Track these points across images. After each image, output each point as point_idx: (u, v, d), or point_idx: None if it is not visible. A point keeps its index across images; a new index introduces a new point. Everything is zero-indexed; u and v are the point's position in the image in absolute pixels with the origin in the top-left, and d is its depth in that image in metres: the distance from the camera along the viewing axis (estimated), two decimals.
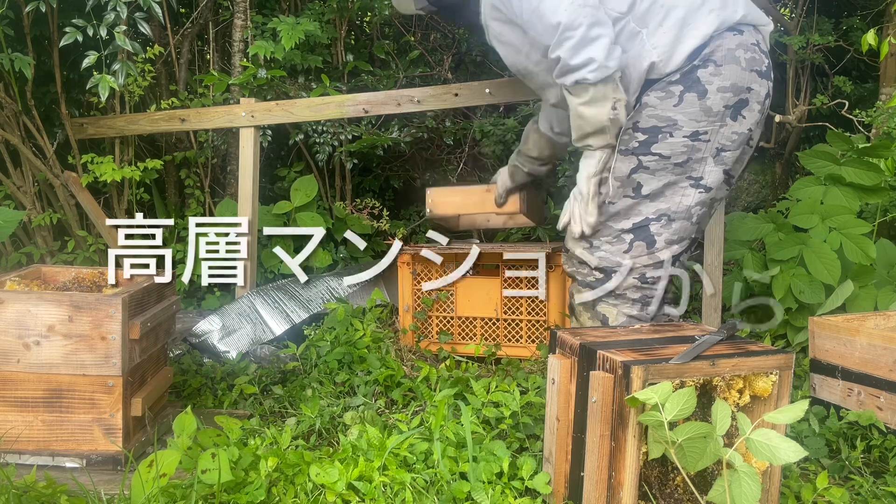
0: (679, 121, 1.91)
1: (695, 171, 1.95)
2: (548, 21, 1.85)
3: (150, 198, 3.41)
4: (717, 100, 1.90)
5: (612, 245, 1.99)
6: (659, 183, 1.95)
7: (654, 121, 1.92)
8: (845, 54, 3.75)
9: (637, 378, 1.37)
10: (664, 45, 1.91)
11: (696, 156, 1.94)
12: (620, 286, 1.99)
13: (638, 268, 1.98)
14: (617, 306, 2.01)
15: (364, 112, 2.93)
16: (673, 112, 1.91)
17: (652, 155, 1.93)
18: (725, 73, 1.90)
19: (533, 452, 1.79)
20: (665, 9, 1.92)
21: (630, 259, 1.98)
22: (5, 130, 2.89)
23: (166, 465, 1.50)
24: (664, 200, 1.96)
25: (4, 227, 2.25)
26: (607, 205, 2.00)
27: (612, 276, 1.99)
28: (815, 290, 2.47)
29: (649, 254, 1.97)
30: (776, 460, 1.25)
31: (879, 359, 1.93)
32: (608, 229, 1.99)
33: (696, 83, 1.90)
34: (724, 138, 1.94)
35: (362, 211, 3.41)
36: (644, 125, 1.93)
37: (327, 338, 2.48)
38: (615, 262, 1.98)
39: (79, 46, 2.60)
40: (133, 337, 1.78)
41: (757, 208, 3.74)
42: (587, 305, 2.06)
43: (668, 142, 1.92)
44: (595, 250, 2.01)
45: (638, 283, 1.99)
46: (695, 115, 1.91)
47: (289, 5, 3.54)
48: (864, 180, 2.61)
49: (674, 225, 1.97)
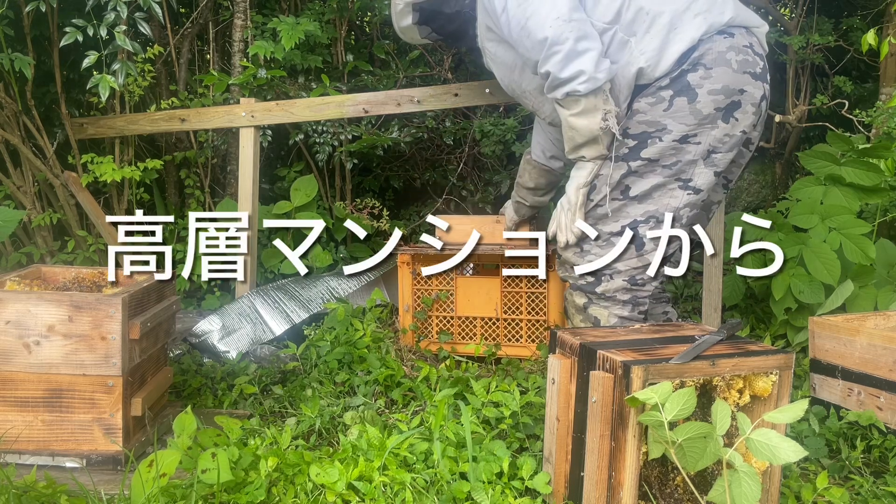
0: (668, 125, 1.92)
1: (684, 172, 1.96)
2: (535, 37, 1.87)
3: (150, 198, 3.41)
4: (707, 102, 1.90)
5: (602, 248, 2.01)
6: (647, 185, 1.96)
7: (644, 126, 1.94)
8: (845, 54, 3.75)
9: (637, 378, 1.37)
10: (651, 50, 1.92)
11: (686, 158, 1.94)
12: (610, 289, 2.01)
13: (627, 270, 2.00)
14: (608, 308, 2.03)
15: (364, 112, 2.93)
16: (663, 117, 1.93)
17: (641, 160, 1.95)
18: (716, 76, 1.90)
19: (533, 452, 1.79)
20: (651, 16, 1.92)
21: (619, 262, 1.99)
22: (5, 130, 2.89)
23: (166, 464, 1.51)
24: (652, 202, 1.97)
25: (4, 226, 2.25)
26: (595, 208, 2.01)
27: (602, 280, 2.01)
28: (815, 290, 2.47)
29: (638, 256, 1.99)
30: (776, 460, 1.25)
31: (879, 359, 1.93)
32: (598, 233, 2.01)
33: (686, 87, 1.91)
34: (715, 140, 1.94)
35: (362, 211, 3.41)
36: (634, 131, 1.95)
37: (327, 338, 2.48)
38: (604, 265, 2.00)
39: (79, 46, 2.60)
40: (133, 337, 1.78)
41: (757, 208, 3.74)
42: (579, 308, 2.09)
43: (657, 146, 1.94)
44: (585, 254, 2.04)
45: (628, 285, 2.01)
46: (684, 119, 1.92)
47: (289, 5, 3.54)
48: (864, 180, 2.61)
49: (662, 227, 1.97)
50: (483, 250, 2.56)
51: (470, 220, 2.76)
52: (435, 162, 3.81)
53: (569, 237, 2.04)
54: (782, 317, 2.55)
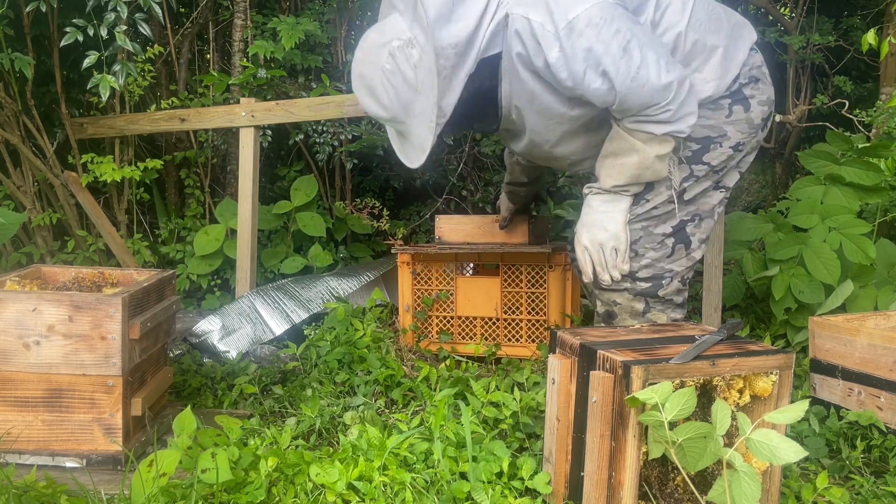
0: (728, 132, 1.97)
1: (725, 178, 2.03)
2: (656, 84, 1.74)
3: (150, 198, 3.41)
4: (757, 113, 1.98)
5: (657, 251, 1.98)
6: (699, 188, 1.99)
7: (707, 131, 1.96)
8: (845, 54, 3.75)
9: (637, 378, 1.37)
10: (715, 79, 1.94)
11: (731, 164, 2.01)
12: (669, 291, 2.00)
13: (681, 271, 2.00)
14: (664, 312, 2.01)
15: (364, 112, 2.92)
16: (724, 123, 1.97)
17: (702, 164, 1.97)
18: (762, 88, 2.00)
19: (533, 452, 1.79)
20: (708, 47, 1.92)
21: (673, 263, 1.99)
22: (5, 130, 2.89)
23: (166, 464, 1.50)
24: (694, 203, 2.00)
25: (6, 229, 2.25)
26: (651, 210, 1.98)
27: (663, 283, 1.99)
28: (815, 290, 2.47)
29: (687, 255, 2.00)
30: (776, 460, 1.25)
31: (879, 359, 1.93)
32: (650, 236, 1.98)
33: (741, 98, 1.97)
34: (752, 147, 2.03)
35: (362, 211, 3.42)
36: (697, 135, 1.95)
37: (327, 338, 2.48)
38: (662, 268, 1.98)
39: (79, 46, 2.60)
40: (133, 337, 1.78)
41: (757, 208, 3.74)
42: (636, 313, 2.02)
43: (718, 151, 1.97)
44: (640, 258, 1.98)
45: (681, 286, 2.01)
46: (741, 128, 1.97)
47: (289, 5, 3.54)
48: (864, 180, 2.61)
49: (703, 224, 2.01)
50: (483, 250, 2.56)
51: (470, 220, 2.76)
52: (435, 162, 3.81)
53: (613, 274, 1.98)
54: (782, 317, 2.55)
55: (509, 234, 2.68)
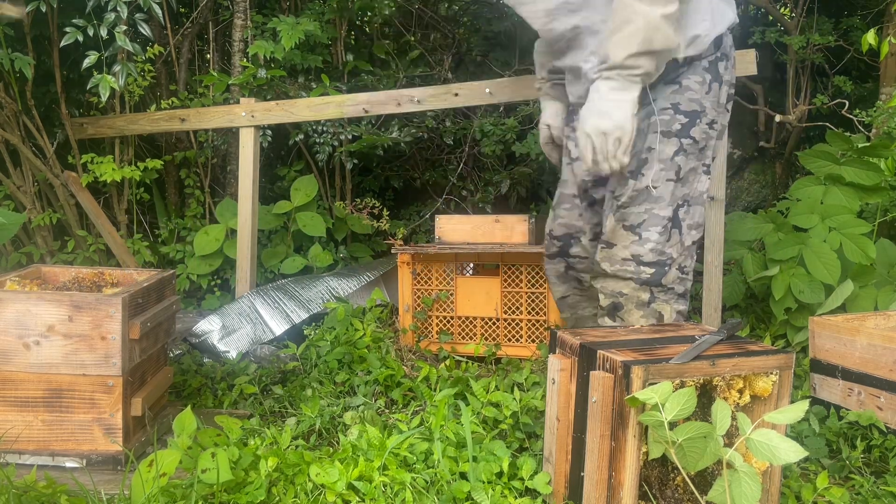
0: (707, 108, 1.94)
1: (707, 157, 1.97)
2: None
3: (150, 198, 3.41)
4: (724, 92, 1.97)
5: (661, 235, 1.91)
6: (688, 167, 1.94)
7: (695, 105, 1.92)
8: (845, 54, 3.75)
9: (637, 378, 1.37)
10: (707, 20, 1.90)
11: (710, 143, 1.97)
12: (669, 280, 1.92)
13: (677, 258, 1.92)
14: (668, 303, 1.94)
15: (364, 112, 2.93)
16: (704, 99, 1.93)
17: (689, 138, 1.92)
18: (730, 71, 1.98)
19: (533, 452, 1.79)
20: None
21: (671, 248, 1.91)
22: (5, 130, 2.89)
23: (166, 464, 1.50)
24: (687, 185, 1.95)
25: (6, 229, 2.25)
26: (649, 189, 1.91)
27: (665, 270, 1.91)
28: (815, 290, 2.47)
29: (681, 241, 1.93)
30: (776, 460, 1.25)
31: (879, 359, 1.93)
32: (654, 217, 1.90)
33: (717, 74, 1.95)
34: (720, 130, 2.00)
35: (362, 211, 3.42)
36: (685, 108, 1.92)
37: (327, 338, 2.48)
38: (665, 252, 1.90)
39: (79, 46, 2.60)
40: (133, 337, 1.78)
41: (757, 208, 3.75)
42: (642, 304, 1.95)
43: (700, 127, 1.93)
44: (645, 242, 1.90)
45: (679, 273, 1.93)
46: (714, 105, 1.95)
47: (289, 5, 3.54)
48: (864, 180, 2.61)
49: (692, 210, 1.94)
50: (483, 250, 2.56)
51: (469, 220, 2.76)
52: (435, 162, 3.82)
53: (613, 165, 1.86)
54: (782, 317, 2.55)
55: (509, 234, 2.68)
